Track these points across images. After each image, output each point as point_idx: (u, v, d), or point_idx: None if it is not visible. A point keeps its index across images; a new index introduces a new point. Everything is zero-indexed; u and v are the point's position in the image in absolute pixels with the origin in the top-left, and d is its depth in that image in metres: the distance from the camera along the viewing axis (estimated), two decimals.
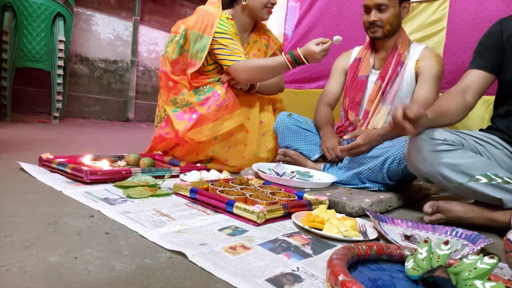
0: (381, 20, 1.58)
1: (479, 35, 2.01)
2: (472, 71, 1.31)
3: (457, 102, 1.25)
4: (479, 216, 1.15)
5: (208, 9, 1.80)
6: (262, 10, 1.82)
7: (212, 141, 1.75)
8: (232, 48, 1.73)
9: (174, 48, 1.75)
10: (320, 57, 1.54)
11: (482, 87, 1.29)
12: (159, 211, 1.01)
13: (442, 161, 1.13)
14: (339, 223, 0.94)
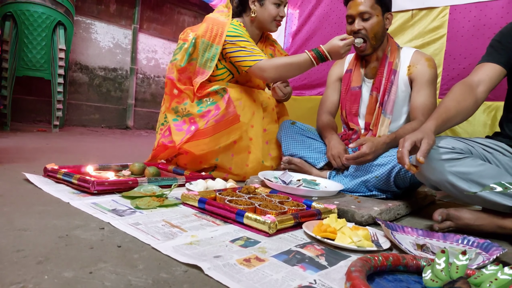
0: (365, 28, 1.56)
1: (479, 41, 2.05)
2: (486, 64, 1.27)
3: (467, 102, 1.20)
4: (489, 223, 1.15)
5: (217, 18, 1.80)
6: (271, 23, 1.83)
7: (216, 149, 1.75)
8: (251, 49, 1.72)
9: (183, 56, 1.76)
10: (344, 52, 1.55)
11: (495, 81, 1.24)
12: (169, 222, 1.00)
13: (451, 169, 1.12)
14: (352, 233, 0.93)
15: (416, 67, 1.59)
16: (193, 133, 1.65)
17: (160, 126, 1.94)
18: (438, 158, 1.14)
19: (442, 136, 1.23)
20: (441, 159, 1.14)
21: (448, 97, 1.22)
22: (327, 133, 1.69)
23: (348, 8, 1.61)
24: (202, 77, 1.75)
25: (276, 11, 1.79)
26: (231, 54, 1.73)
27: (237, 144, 1.79)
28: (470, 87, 1.22)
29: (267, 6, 1.79)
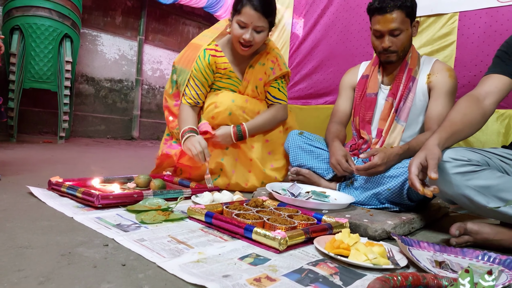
0: (396, 45, 1.51)
1: (490, 48, 2.01)
2: (493, 75, 1.23)
3: (474, 114, 1.17)
4: (509, 238, 1.10)
5: (197, 42, 1.85)
6: (236, 44, 1.71)
7: (223, 150, 1.78)
8: (190, 88, 1.78)
9: (170, 85, 1.92)
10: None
11: (503, 93, 1.21)
12: (175, 238, 0.96)
13: (468, 183, 1.07)
14: (366, 250, 0.89)
15: (436, 76, 1.55)
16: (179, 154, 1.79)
17: (165, 137, 1.95)
18: (454, 171, 1.09)
19: (456, 147, 1.19)
20: (457, 172, 1.09)
21: (454, 110, 1.19)
22: (330, 141, 1.64)
23: (375, 22, 1.53)
24: (178, 100, 1.87)
25: (239, 32, 1.65)
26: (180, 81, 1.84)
27: (241, 150, 1.80)
28: (477, 99, 1.19)
29: (233, 24, 1.69)
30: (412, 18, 1.54)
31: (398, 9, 1.46)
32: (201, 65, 1.77)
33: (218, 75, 1.82)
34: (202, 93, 1.79)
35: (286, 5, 3.16)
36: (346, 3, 2.68)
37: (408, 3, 1.48)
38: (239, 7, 1.64)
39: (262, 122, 1.82)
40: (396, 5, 1.46)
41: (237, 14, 1.66)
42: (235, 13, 1.68)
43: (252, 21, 1.63)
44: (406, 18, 1.50)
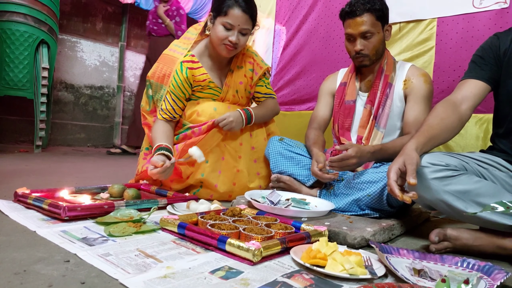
0: (368, 48, 1.52)
1: (468, 53, 2.02)
2: (469, 80, 1.23)
3: (451, 119, 1.16)
4: (488, 243, 1.08)
5: (171, 54, 1.79)
6: (219, 46, 1.65)
7: (203, 164, 1.69)
8: (165, 104, 1.73)
9: (146, 101, 1.85)
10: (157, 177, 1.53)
11: (479, 98, 1.21)
12: (144, 252, 0.91)
13: (445, 188, 1.06)
14: (343, 259, 0.85)
15: (412, 81, 1.55)
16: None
17: (144, 151, 1.88)
18: (432, 176, 1.07)
19: (434, 152, 1.17)
20: (435, 177, 1.07)
21: (431, 115, 1.18)
22: (310, 148, 1.63)
23: (347, 26, 1.54)
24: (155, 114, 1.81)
25: (224, 34, 1.61)
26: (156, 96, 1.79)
27: (225, 161, 1.72)
28: (453, 104, 1.19)
29: (216, 26, 1.64)
30: (383, 22, 1.54)
31: (368, 12, 1.48)
32: (179, 80, 1.72)
33: (198, 87, 1.76)
34: (179, 108, 1.75)
35: (268, 12, 3.16)
36: (328, 9, 2.68)
37: (378, 6, 1.49)
38: (225, 8, 1.60)
39: (263, 111, 1.82)
40: (365, 8, 1.48)
41: (222, 15, 1.61)
42: (219, 15, 1.63)
43: (239, 23, 1.61)
44: (376, 21, 1.51)
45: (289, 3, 2.97)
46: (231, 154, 1.75)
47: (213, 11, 1.67)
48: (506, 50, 1.20)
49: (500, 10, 1.93)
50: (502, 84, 1.21)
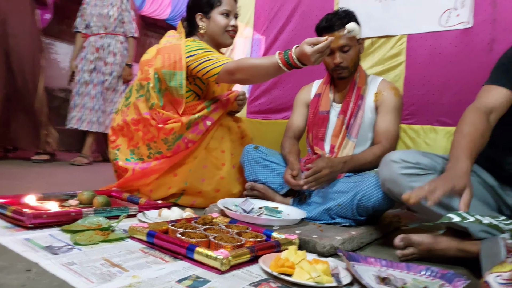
0: (347, 60, 1.59)
1: (435, 69, 2.11)
2: (497, 88, 1.15)
3: (487, 128, 1.10)
4: (450, 247, 1.13)
5: (169, 43, 1.74)
6: (223, 35, 1.75)
7: (186, 172, 1.69)
8: (215, 56, 1.63)
9: (156, 96, 1.69)
10: (314, 59, 1.33)
11: (505, 109, 1.14)
12: (109, 261, 0.89)
13: (412, 184, 1.11)
14: (310, 268, 0.86)
15: (382, 94, 1.63)
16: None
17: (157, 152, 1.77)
18: (401, 172, 1.14)
19: (410, 150, 1.22)
20: (403, 173, 1.13)
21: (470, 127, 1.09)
22: (286, 157, 1.65)
23: None
24: (180, 107, 1.69)
25: (226, 21, 1.73)
26: (196, 69, 1.65)
27: (208, 169, 1.73)
28: (485, 115, 1.12)
29: (215, 18, 1.74)
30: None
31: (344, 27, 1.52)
32: (203, 45, 1.69)
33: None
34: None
35: (246, 21, 3.19)
36: (304, 21, 2.73)
37: (353, 21, 1.55)
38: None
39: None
40: (343, 23, 1.54)
41: (216, 6, 1.74)
42: (213, 7, 1.74)
43: (233, 8, 1.77)
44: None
45: (267, 14, 3.01)
46: (214, 163, 1.76)
47: (204, 7, 1.75)
48: None
49: (464, 30, 2.02)
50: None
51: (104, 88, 3.38)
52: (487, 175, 1.21)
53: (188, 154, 1.70)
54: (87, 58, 3.35)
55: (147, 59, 1.80)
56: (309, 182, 1.40)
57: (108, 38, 3.36)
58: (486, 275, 0.77)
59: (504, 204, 1.20)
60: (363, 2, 2.35)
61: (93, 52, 3.34)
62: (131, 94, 1.84)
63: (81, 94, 3.37)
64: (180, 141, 1.67)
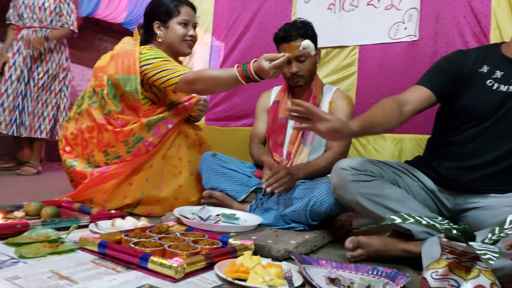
0: (303, 70, 1.66)
1: (384, 79, 2.23)
2: (419, 86, 1.28)
3: (393, 113, 1.20)
4: (395, 248, 1.21)
5: (123, 49, 1.72)
6: (180, 45, 1.76)
7: (143, 182, 1.66)
8: (173, 65, 1.62)
9: (112, 103, 1.66)
10: (272, 74, 1.37)
11: (422, 105, 1.26)
12: (58, 273, 0.86)
13: (360, 190, 1.18)
14: (264, 272, 0.89)
15: (336, 103, 1.71)
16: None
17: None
18: (350, 178, 1.20)
19: (357, 157, 1.29)
20: (352, 180, 1.20)
21: (376, 106, 1.21)
22: (261, 159, 1.69)
23: (282, 50, 1.67)
24: (140, 111, 1.67)
25: (184, 31, 1.74)
26: (153, 78, 1.63)
27: (165, 178, 1.71)
28: (398, 102, 1.23)
29: (173, 28, 1.73)
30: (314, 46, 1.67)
31: (301, 37, 1.61)
32: (160, 53, 1.67)
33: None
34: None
35: (205, 28, 3.20)
36: (262, 30, 2.79)
37: (309, 32, 1.63)
38: (176, 8, 1.74)
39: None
40: (299, 33, 1.60)
41: (175, 16, 1.74)
42: (172, 17, 1.74)
43: (192, 18, 1.78)
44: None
45: (226, 22, 3.04)
46: (171, 171, 1.74)
47: (162, 16, 1.75)
48: (468, 72, 1.26)
49: (411, 42, 2.17)
50: (456, 100, 1.28)
51: (38, 88, 3.03)
52: (427, 180, 1.30)
53: (144, 161, 1.67)
54: (20, 53, 2.95)
55: (100, 66, 1.77)
56: (271, 183, 1.43)
57: (43, 32, 2.98)
58: (423, 271, 0.83)
59: (444, 207, 1.30)
60: (318, 14, 2.45)
61: (26, 47, 2.94)
62: (83, 102, 1.79)
63: (11, 93, 2.92)
64: (140, 144, 1.64)
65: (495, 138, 1.21)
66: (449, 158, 1.28)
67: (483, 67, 1.26)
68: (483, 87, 1.23)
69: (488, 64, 1.25)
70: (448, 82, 1.27)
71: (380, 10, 2.28)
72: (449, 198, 1.29)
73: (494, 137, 1.21)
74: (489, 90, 1.22)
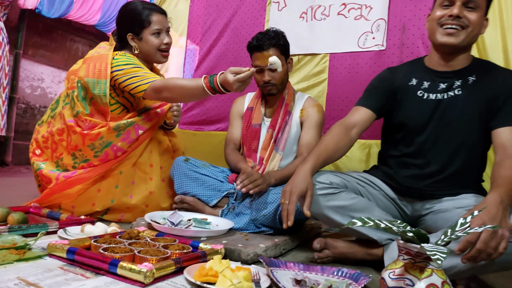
0: (275, 78, 1.70)
1: (353, 86, 2.32)
2: (360, 107, 1.38)
3: (344, 141, 1.30)
4: (359, 251, 1.27)
5: (97, 53, 1.72)
6: (156, 55, 1.76)
7: (112, 189, 1.65)
8: (143, 73, 1.62)
9: (80, 104, 1.66)
10: (236, 87, 1.39)
11: (366, 125, 1.37)
12: (25, 280, 0.86)
13: (326, 204, 1.22)
14: (232, 275, 0.91)
15: (307, 111, 1.77)
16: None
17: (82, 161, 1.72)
18: (318, 193, 1.23)
19: (323, 171, 1.33)
20: (319, 194, 1.23)
21: (328, 136, 1.30)
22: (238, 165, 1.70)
23: (255, 59, 1.71)
24: (108, 115, 1.67)
25: (158, 41, 1.74)
26: (123, 84, 1.63)
27: (136, 184, 1.71)
28: (346, 128, 1.33)
29: (147, 39, 1.73)
30: (286, 56, 1.74)
31: (273, 47, 1.65)
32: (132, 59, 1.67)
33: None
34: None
35: (180, 31, 3.20)
36: (236, 36, 2.83)
37: (281, 42, 1.68)
38: (146, 19, 1.71)
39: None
40: (271, 43, 1.64)
41: (147, 27, 1.72)
42: (143, 28, 1.72)
43: (164, 25, 1.75)
44: (281, 55, 1.70)
45: (201, 26, 3.06)
46: (142, 177, 1.74)
47: (134, 28, 1.73)
48: (400, 86, 1.36)
49: (379, 52, 2.26)
50: (394, 114, 1.38)
51: None
52: (388, 189, 1.37)
53: (113, 168, 1.66)
54: None
55: (74, 69, 1.78)
56: (245, 185, 1.46)
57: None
58: (382, 272, 0.89)
59: (404, 213, 1.37)
60: (291, 22, 2.52)
61: None
62: (58, 105, 1.79)
63: None
64: (108, 149, 1.63)
65: (437, 146, 1.29)
66: (403, 167, 1.34)
67: (412, 80, 1.35)
68: (415, 98, 1.32)
69: (415, 77, 1.35)
70: (383, 99, 1.38)
71: (350, 20, 2.36)
72: (407, 205, 1.35)
73: (437, 145, 1.29)
74: (421, 100, 1.31)
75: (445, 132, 1.27)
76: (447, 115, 1.27)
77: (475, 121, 1.24)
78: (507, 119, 1.19)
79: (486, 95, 1.23)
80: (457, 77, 1.28)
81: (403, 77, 1.37)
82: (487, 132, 1.24)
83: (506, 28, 1.99)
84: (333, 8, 2.42)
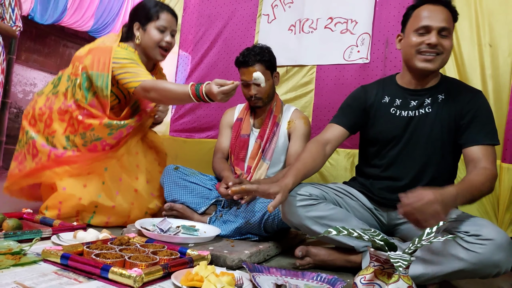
0: (261, 92, 1.78)
1: (339, 97, 2.40)
2: (333, 125, 1.47)
3: (320, 158, 1.38)
4: (338, 258, 1.34)
5: (102, 44, 1.76)
6: (154, 50, 1.78)
7: (100, 185, 1.71)
8: (137, 70, 1.67)
9: (81, 93, 1.71)
10: (220, 98, 1.45)
11: (339, 141, 1.46)
12: (21, 284, 0.92)
13: (306, 214, 1.29)
14: (216, 280, 0.98)
15: (294, 122, 1.85)
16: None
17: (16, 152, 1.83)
18: (297, 204, 1.30)
19: (303, 183, 1.40)
20: (300, 205, 1.30)
21: (305, 152, 1.38)
22: (222, 174, 1.77)
23: (242, 74, 1.80)
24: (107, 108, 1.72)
25: (159, 37, 1.76)
26: (118, 76, 1.69)
27: (123, 181, 1.77)
28: (321, 145, 1.41)
29: (150, 31, 1.76)
30: (272, 70, 1.82)
31: (258, 63, 1.73)
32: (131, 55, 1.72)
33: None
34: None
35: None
36: (227, 47, 2.91)
37: (266, 57, 1.76)
38: (156, 13, 1.75)
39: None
40: (256, 59, 1.73)
41: (154, 20, 1.76)
42: (150, 20, 1.76)
43: (171, 25, 1.79)
44: (266, 70, 1.77)
45: (193, 37, 3.13)
46: (128, 175, 1.79)
47: (142, 19, 1.78)
48: (373, 104, 1.45)
49: (363, 64, 2.36)
50: (369, 130, 1.47)
51: None
52: (365, 199, 1.44)
53: (100, 161, 1.73)
54: None
55: (79, 56, 1.80)
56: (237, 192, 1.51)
57: None
58: (355, 277, 0.96)
59: (381, 222, 1.45)
60: (280, 34, 2.61)
61: None
62: (60, 82, 1.82)
63: None
64: (98, 143, 1.70)
65: (408, 161, 1.37)
66: (377, 179, 1.43)
67: (385, 98, 1.44)
68: (388, 115, 1.41)
69: (388, 95, 1.44)
70: (356, 116, 1.47)
71: (336, 33, 2.46)
72: (383, 214, 1.43)
73: (407, 160, 1.37)
74: (393, 117, 1.40)
75: (415, 148, 1.36)
76: (417, 132, 1.36)
77: (444, 137, 1.33)
78: (475, 138, 1.28)
79: (454, 112, 1.32)
80: (428, 95, 1.37)
81: (376, 95, 1.46)
82: (455, 146, 1.33)
83: (483, 45, 2.09)
84: (320, 21, 2.51)
